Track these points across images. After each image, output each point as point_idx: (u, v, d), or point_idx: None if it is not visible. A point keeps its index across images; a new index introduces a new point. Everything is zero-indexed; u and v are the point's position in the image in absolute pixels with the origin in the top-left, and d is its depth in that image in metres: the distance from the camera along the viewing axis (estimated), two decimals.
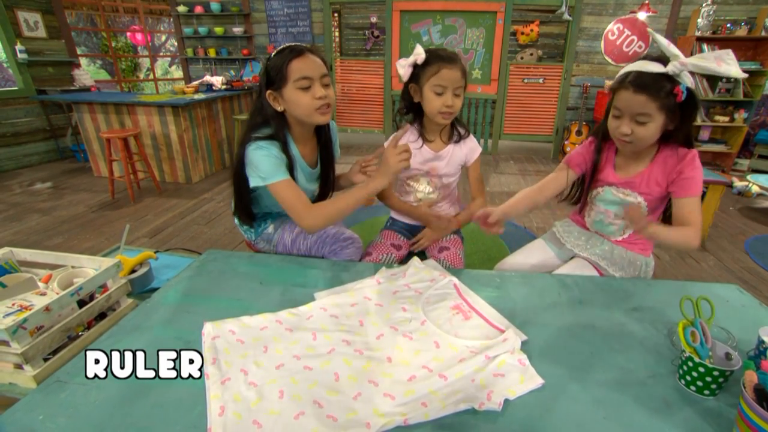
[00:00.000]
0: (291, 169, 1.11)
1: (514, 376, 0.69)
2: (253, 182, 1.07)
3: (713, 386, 0.65)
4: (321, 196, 1.31)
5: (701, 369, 0.65)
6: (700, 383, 0.66)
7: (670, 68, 0.90)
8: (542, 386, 0.68)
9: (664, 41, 0.94)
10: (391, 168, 1.03)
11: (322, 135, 1.24)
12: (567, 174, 1.19)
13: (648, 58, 0.95)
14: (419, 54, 1.18)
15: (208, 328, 0.79)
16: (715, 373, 0.64)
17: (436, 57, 1.17)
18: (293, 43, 1.07)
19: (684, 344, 0.68)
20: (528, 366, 0.71)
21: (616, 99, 0.98)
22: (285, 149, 1.09)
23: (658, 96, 0.91)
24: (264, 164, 1.04)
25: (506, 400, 0.64)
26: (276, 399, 0.64)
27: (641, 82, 0.92)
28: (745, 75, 0.89)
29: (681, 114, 0.95)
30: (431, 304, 0.91)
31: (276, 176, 1.04)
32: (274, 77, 1.04)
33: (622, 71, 0.99)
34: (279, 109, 1.09)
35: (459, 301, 0.91)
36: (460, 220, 1.34)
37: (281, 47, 1.06)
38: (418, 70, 1.20)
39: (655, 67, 0.91)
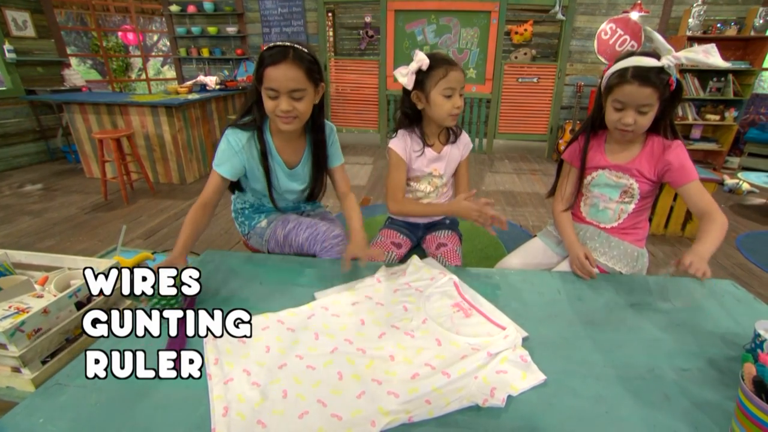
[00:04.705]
0: (264, 158, 1.14)
1: (517, 373, 0.69)
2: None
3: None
4: (310, 196, 1.32)
5: None
6: None
7: (665, 62, 0.99)
8: (544, 382, 0.68)
9: (659, 37, 1.04)
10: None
11: (313, 136, 1.20)
12: (572, 172, 1.25)
13: (637, 54, 1.03)
14: (423, 60, 1.15)
15: None
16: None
17: (442, 61, 1.16)
18: (285, 42, 1.04)
19: None
20: (530, 362, 0.72)
21: (617, 93, 1.04)
22: (260, 137, 1.13)
23: (658, 87, 0.99)
24: (219, 151, 1.11)
25: (509, 396, 0.65)
26: (280, 399, 0.64)
27: (645, 76, 0.99)
28: (728, 64, 0.98)
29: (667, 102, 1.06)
30: (432, 303, 0.91)
31: (218, 166, 1.11)
32: (256, 72, 1.05)
33: (617, 67, 1.05)
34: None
35: (459, 299, 0.92)
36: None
37: (274, 44, 1.04)
38: (421, 76, 1.17)
39: (651, 62, 1.00)
